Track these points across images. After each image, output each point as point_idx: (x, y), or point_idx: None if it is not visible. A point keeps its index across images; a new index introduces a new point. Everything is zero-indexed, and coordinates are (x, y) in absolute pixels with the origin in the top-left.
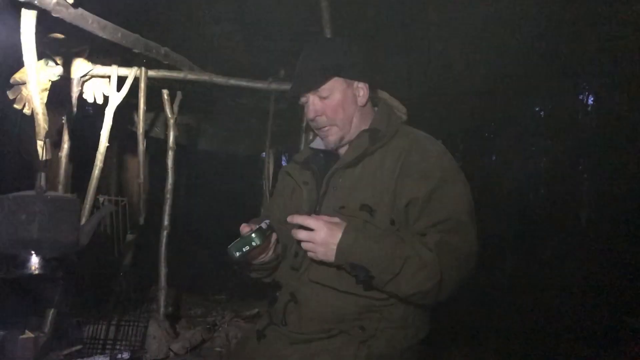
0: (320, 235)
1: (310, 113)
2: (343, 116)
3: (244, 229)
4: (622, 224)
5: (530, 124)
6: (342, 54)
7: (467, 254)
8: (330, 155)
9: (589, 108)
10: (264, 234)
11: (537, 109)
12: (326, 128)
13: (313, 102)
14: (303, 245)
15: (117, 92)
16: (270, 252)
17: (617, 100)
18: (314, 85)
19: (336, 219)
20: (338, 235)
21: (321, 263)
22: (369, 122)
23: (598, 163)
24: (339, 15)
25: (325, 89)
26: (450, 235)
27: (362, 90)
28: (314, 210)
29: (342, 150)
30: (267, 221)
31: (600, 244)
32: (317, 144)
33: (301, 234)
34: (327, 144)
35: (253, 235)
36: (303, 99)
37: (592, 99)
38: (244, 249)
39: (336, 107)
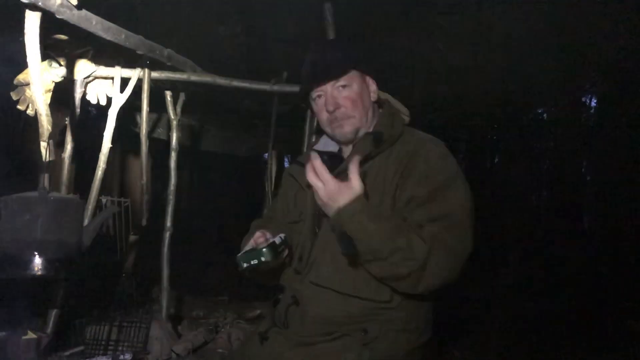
0: (327, 190)
1: (329, 105)
2: (361, 108)
3: (259, 238)
4: (625, 225)
5: (533, 126)
6: (357, 47)
7: (459, 254)
8: (334, 157)
9: (592, 110)
10: (275, 250)
11: (540, 110)
12: (343, 121)
13: (332, 94)
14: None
15: (121, 94)
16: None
17: (621, 101)
18: (334, 73)
19: (355, 184)
20: (343, 199)
21: (324, 266)
22: (374, 122)
23: (601, 165)
24: (342, 18)
25: (344, 78)
26: (447, 232)
27: (373, 85)
28: (318, 212)
29: (346, 153)
30: (283, 235)
31: (603, 245)
32: (321, 146)
33: (313, 179)
34: (343, 136)
35: (264, 250)
36: (317, 93)
37: (595, 100)
38: (252, 262)
39: (356, 98)
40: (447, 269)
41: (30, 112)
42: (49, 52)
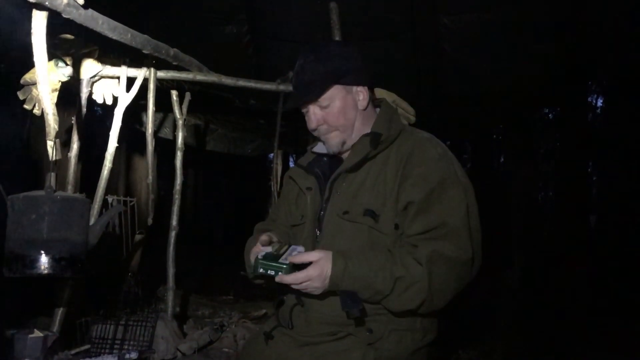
0: (314, 278)
1: (311, 123)
2: (344, 122)
3: (263, 246)
4: (632, 226)
5: (539, 126)
6: (339, 59)
7: (460, 262)
8: (333, 159)
9: (598, 110)
10: (294, 268)
11: (545, 110)
12: (327, 135)
13: (314, 112)
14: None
15: (127, 93)
16: None
17: (627, 101)
18: (313, 96)
19: (317, 254)
20: (329, 266)
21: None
22: (371, 124)
23: (607, 165)
24: (348, 17)
25: (325, 98)
26: (442, 244)
27: (362, 94)
28: (318, 216)
29: (345, 155)
30: (301, 249)
31: (609, 246)
32: (319, 148)
33: (298, 284)
34: (329, 148)
35: (285, 267)
36: (302, 109)
37: (601, 100)
38: (269, 272)
39: (337, 115)
40: (454, 280)
41: (36, 111)
42: (55, 51)
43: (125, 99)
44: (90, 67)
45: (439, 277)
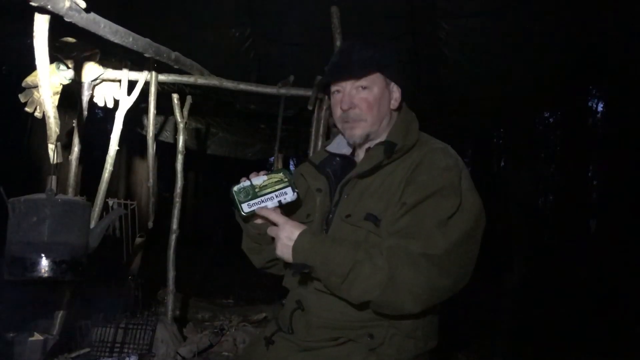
0: (283, 233)
1: (344, 104)
2: (376, 113)
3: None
4: (632, 231)
5: (539, 130)
6: (385, 51)
7: (424, 256)
8: (346, 161)
9: (599, 114)
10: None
11: (546, 114)
12: (354, 123)
13: (349, 93)
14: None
15: (128, 96)
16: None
17: (628, 106)
18: (356, 74)
19: (282, 219)
20: (296, 235)
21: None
22: (389, 128)
23: (607, 169)
24: (349, 21)
25: (367, 79)
26: (407, 240)
27: (396, 93)
28: (327, 219)
29: (359, 157)
30: (293, 196)
31: (609, 250)
32: (334, 147)
33: (269, 230)
34: (351, 138)
35: (243, 214)
36: (335, 88)
37: (601, 105)
38: (233, 206)
39: (373, 102)
40: (421, 276)
41: (38, 114)
42: (57, 54)
43: (127, 102)
44: (91, 70)
45: (400, 268)
